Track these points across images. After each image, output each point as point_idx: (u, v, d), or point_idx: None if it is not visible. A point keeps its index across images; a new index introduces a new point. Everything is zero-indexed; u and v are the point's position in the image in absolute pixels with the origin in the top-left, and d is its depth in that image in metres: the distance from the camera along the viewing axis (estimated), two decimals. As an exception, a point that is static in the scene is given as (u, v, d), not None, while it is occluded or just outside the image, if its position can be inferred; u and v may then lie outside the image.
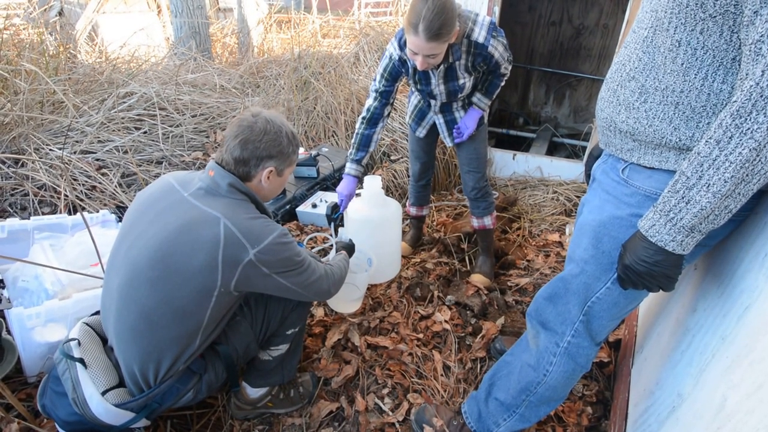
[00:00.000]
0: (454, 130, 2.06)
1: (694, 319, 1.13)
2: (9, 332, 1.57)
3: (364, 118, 1.98)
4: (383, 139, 3.40)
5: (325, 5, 5.51)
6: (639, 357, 1.56)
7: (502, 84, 1.99)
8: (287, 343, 1.51)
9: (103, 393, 1.18)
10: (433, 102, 2.03)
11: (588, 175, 1.30)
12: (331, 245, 2.40)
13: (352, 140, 2.02)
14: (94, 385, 1.19)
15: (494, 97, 2.03)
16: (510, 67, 1.93)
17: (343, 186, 2.00)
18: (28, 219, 1.88)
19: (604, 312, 1.14)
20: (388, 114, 2.02)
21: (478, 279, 2.28)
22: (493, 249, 2.42)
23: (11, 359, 1.54)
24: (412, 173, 2.42)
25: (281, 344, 1.49)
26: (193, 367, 1.29)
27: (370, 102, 1.97)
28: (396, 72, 1.90)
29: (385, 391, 1.71)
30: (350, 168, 2.02)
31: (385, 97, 1.96)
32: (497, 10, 3.02)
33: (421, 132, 2.19)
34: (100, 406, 1.17)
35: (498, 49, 1.80)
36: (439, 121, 2.10)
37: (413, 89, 2.06)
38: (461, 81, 1.87)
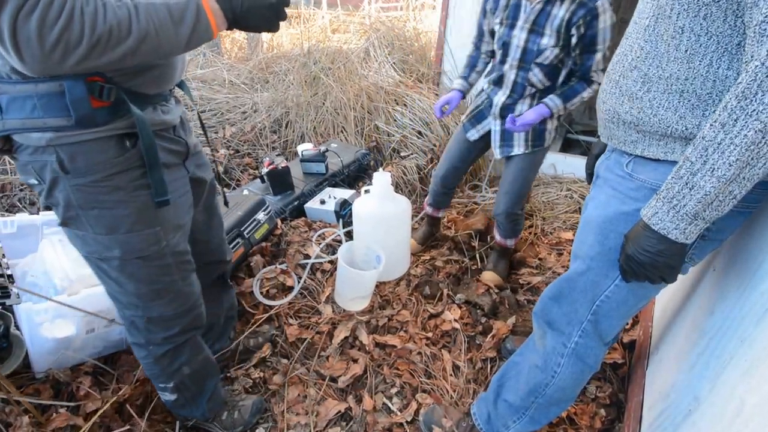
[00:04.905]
0: (507, 118, 1.84)
1: (711, 321, 1.10)
2: (17, 327, 1.58)
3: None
4: (393, 135, 3.37)
5: (335, 0, 5.48)
6: (654, 359, 1.52)
7: (584, 95, 1.80)
8: (173, 394, 1.35)
9: None
10: (497, 91, 1.95)
11: (590, 175, 1.27)
12: (339, 241, 2.40)
13: (464, 64, 2.14)
14: None
15: (570, 105, 1.82)
16: (600, 78, 1.74)
17: (450, 95, 2.06)
18: (37, 214, 1.88)
19: (613, 311, 1.11)
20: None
21: (489, 277, 2.24)
22: (509, 253, 2.36)
23: (19, 354, 1.55)
24: (439, 174, 2.25)
25: (164, 392, 1.37)
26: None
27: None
28: (494, 3, 1.88)
29: (394, 390, 1.69)
30: (457, 83, 2.12)
31: (478, 47, 2.06)
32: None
33: (474, 134, 2.08)
34: None
35: (606, 15, 1.63)
36: (495, 128, 2.00)
37: (495, 36, 1.92)
38: (544, 39, 1.73)
